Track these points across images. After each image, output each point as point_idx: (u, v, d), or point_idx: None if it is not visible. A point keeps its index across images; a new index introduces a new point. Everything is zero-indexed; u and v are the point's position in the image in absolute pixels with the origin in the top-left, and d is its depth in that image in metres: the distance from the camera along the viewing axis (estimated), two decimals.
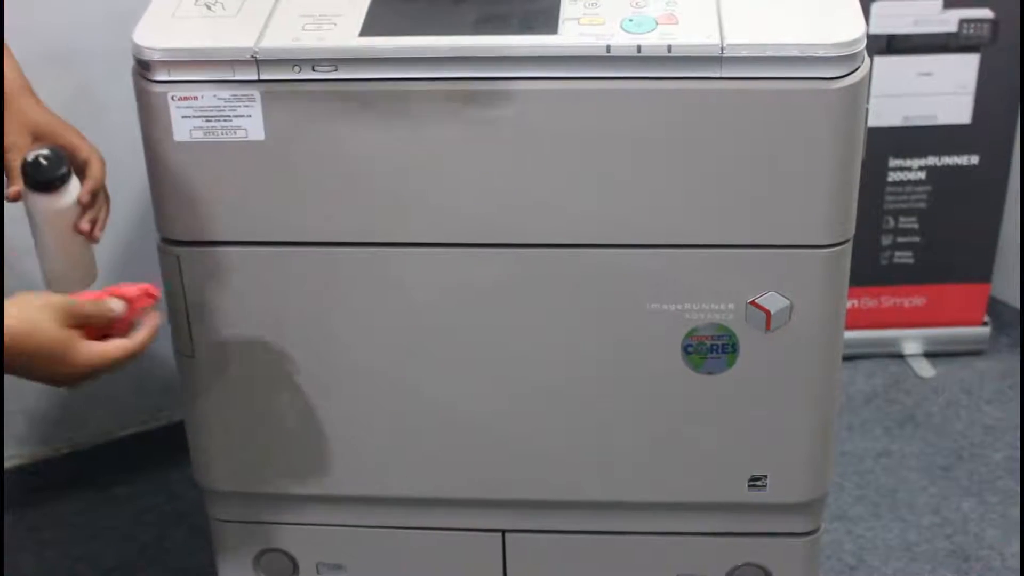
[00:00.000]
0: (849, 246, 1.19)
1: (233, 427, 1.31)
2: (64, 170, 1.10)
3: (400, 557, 1.39)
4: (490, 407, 1.27)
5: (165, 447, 1.93)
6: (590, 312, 1.21)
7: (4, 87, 1.12)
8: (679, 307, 1.21)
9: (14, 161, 1.11)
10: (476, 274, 1.21)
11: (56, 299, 1.01)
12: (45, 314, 0.99)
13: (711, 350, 1.22)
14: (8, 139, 1.12)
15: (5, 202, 1.14)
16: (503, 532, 1.36)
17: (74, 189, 1.11)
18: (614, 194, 1.16)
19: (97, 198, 1.14)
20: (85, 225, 1.13)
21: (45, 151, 1.09)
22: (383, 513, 1.36)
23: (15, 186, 1.10)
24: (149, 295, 1.09)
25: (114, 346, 1.04)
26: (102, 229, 1.15)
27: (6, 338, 0.96)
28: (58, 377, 1.02)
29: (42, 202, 1.10)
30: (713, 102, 1.11)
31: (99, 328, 1.04)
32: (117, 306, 1.06)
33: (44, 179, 1.09)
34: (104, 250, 1.84)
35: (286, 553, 1.40)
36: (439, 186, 1.17)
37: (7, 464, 1.90)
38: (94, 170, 1.14)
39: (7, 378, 1.05)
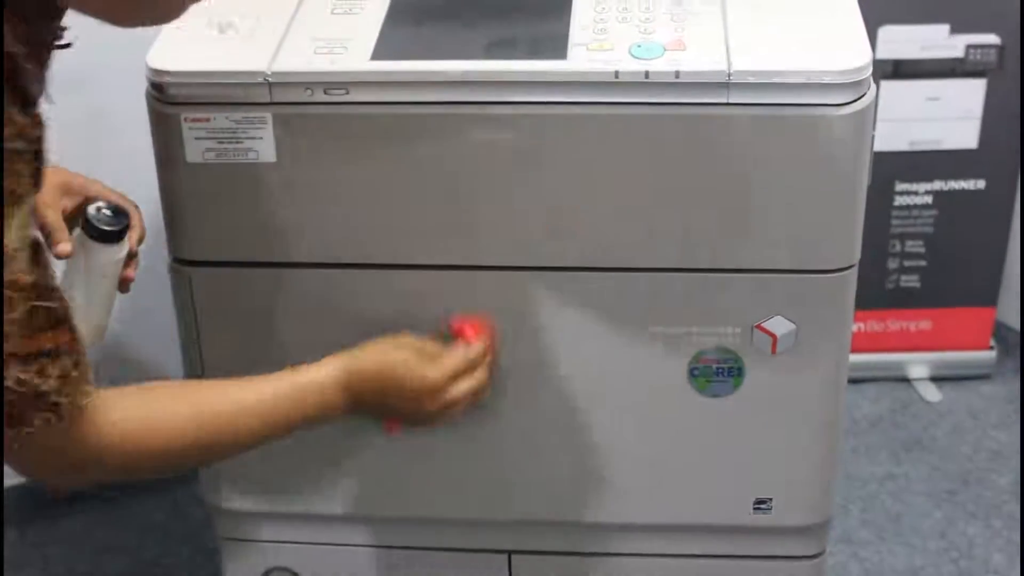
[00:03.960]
0: (855, 271, 1.20)
1: None
2: (127, 221, 1.14)
3: None
4: (495, 428, 1.28)
5: None
6: (596, 334, 1.22)
7: None
8: (685, 330, 1.21)
9: (51, 215, 1.11)
10: (484, 296, 1.21)
11: (411, 340, 1.12)
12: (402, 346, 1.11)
13: (717, 373, 1.23)
14: (41, 199, 1.11)
15: None
16: (509, 553, 1.37)
17: (126, 239, 1.15)
18: (621, 218, 1.17)
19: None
20: (132, 273, 1.16)
21: (104, 204, 1.13)
22: (389, 532, 1.36)
23: (64, 244, 1.11)
24: (483, 331, 1.16)
25: (446, 358, 1.11)
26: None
27: (364, 363, 1.06)
28: (415, 401, 1.09)
29: (105, 254, 1.13)
30: (720, 128, 1.12)
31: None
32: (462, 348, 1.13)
33: (112, 230, 1.13)
34: None
35: (292, 571, 1.40)
36: (447, 209, 1.18)
37: (11, 481, 1.90)
38: (136, 219, 1.17)
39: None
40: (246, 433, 1.00)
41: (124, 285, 1.16)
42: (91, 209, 1.12)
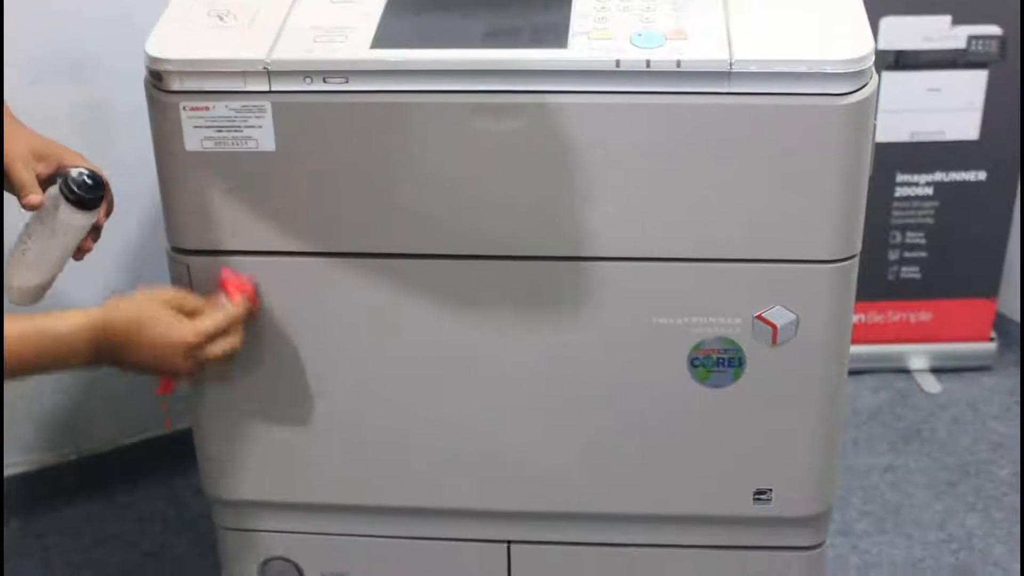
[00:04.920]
0: (856, 261, 1.20)
1: (240, 436, 1.31)
2: (103, 193, 1.15)
3: (405, 567, 1.39)
4: (495, 418, 1.28)
5: (170, 455, 1.93)
6: (597, 324, 1.22)
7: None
8: (686, 320, 1.21)
9: (21, 172, 1.13)
10: (484, 285, 1.21)
11: (167, 291, 1.15)
12: (157, 302, 1.13)
13: (717, 363, 1.23)
14: (12, 151, 1.13)
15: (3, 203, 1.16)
16: (508, 543, 1.37)
17: (98, 210, 1.16)
18: (621, 208, 1.16)
19: None
20: (91, 244, 1.17)
21: (86, 171, 1.13)
22: (389, 523, 1.36)
23: (35, 195, 1.12)
24: (246, 293, 1.17)
25: (205, 318, 1.14)
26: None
27: (115, 318, 1.08)
28: (163, 358, 1.11)
29: (77, 218, 1.14)
30: (721, 117, 1.12)
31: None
32: (225, 303, 1.16)
33: (89, 197, 1.13)
34: (114, 258, 1.86)
35: (291, 562, 1.40)
36: (447, 198, 1.17)
37: (13, 471, 1.90)
38: (108, 195, 1.17)
39: (15, 385, 1.07)
40: None
41: (80, 254, 1.18)
42: (73, 172, 1.13)
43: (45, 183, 1.15)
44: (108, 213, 1.18)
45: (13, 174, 1.13)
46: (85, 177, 1.13)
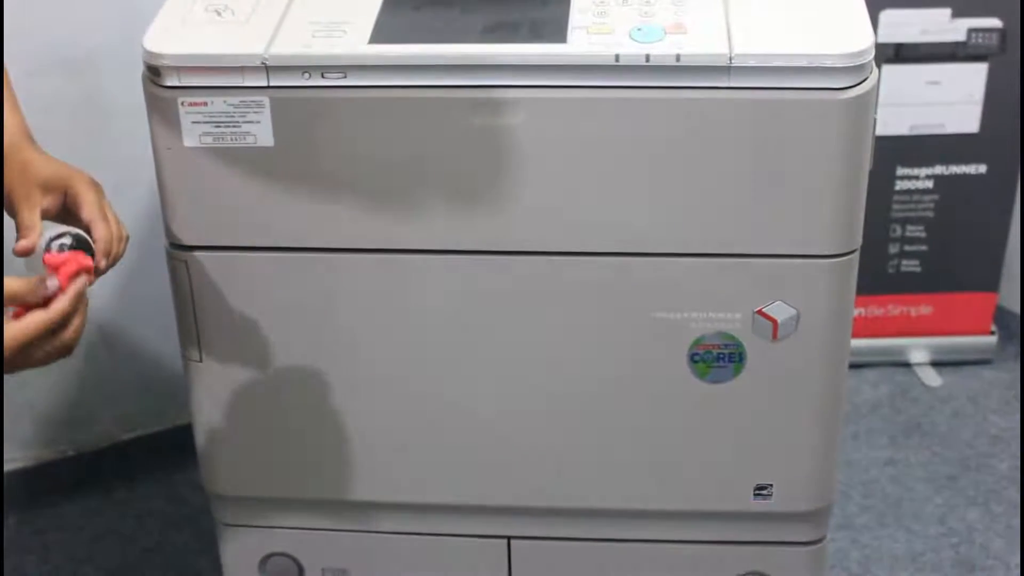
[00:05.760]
0: (856, 256, 1.19)
1: (240, 432, 1.31)
2: (83, 260, 1.03)
3: (405, 563, 1.39)
4: (495, 413, 1.28)
5: (169, 450, 1.93)
6: (597, 320, 1.22)
7: (7, 137, 1.09)
8: (686, 315, 1.21)
9: (24, 214, 1.06)
10: (483, 281, 1.21)
11: None
12: None
13: (718, 359, 1.23)
14: (20, 191, 1.08)
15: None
16: (508, 539, 1.37)
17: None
18: (621, 202, 1.16)
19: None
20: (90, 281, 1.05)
21: (69, 239, 1.04)
22: (389, 518, 1.36)
23: (26, 241, 1.04)
24: (83, 267, 1.00)
25: (28, 320, 0.95)
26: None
27: None
28: None
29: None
30: (721, 111, 1.11)
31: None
32: (52, 284, 0.97)
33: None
34: None
35: (291, 557, 1.40)
36: (446, 193, 1.17)
37: (12, 466, 1.90)
38: (111, 244, 1.07)
39: (14, 379, 1.05)
40: None
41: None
42: (54, 243, 1.03)
43: (56, 216, 1.10)
44: (116, 260, 1.10)
45: (17, 214, 1.07)
46: (65, 242, 1.03)
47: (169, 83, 1.14)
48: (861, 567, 1.79)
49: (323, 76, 1.13)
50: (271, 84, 1.13)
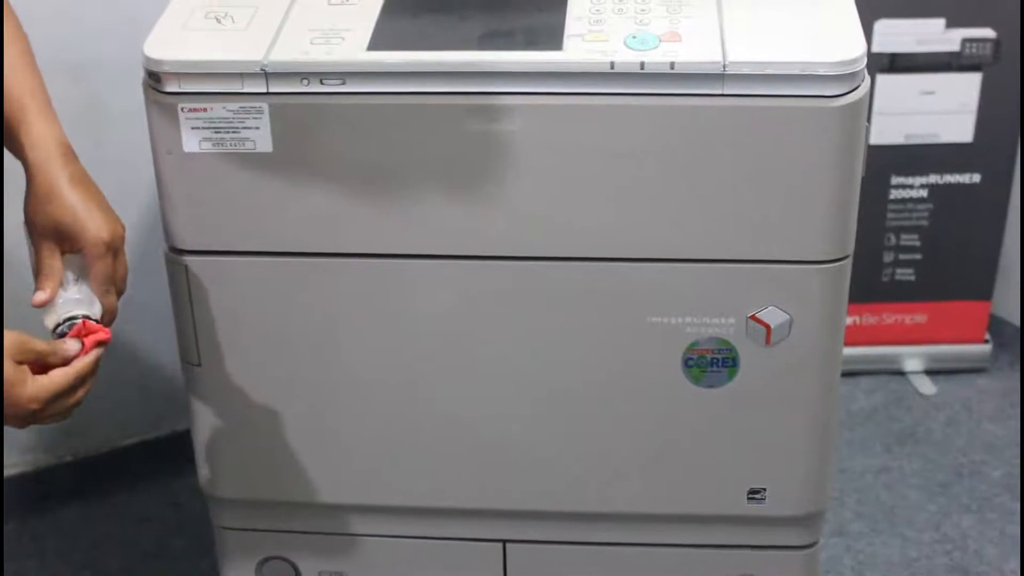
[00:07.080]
0: (849, 262, 1.20)
1: (238, 435, 1.32)
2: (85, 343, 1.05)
3: (401, 566, 1.39)
4: (491, 418, 1.28)
5: (168, 456, 1.94)
6: (591, 324, 1.22)
7: (42, 152, 1.06)
8: (680, 321, 1.22)
9: (44, 260, 1.06)
10: (479, 286, 1.22)
11: (11, 335, 0.98)
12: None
13: (711, 364, 1.23)
14: (40, 227, 1.06)
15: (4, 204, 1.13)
16: (504, 542, 1.37)
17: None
18: (616, 208, 1.17)
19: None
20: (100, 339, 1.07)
21: (66, 326, 1.05)
22: (385, 522, 1.37)
23: (42, 293, 1.04)
24: (101, 342, 1.05)
25: (54, 375, 1.00)
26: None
27: None
28: (7, 413, 0.98)
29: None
30: (715, 119, 1.13)
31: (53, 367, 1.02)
32: (73, 347, 1.03)
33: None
34: None
35: (289, 561, 1.41)
36: (443, 199, 1.18)
37: (11, 472, 1.91)
38: (107, 316, 1.08)
39: None
40: None
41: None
42: (60, 325, 1.05)
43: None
44: (112, 319, 1.10)
45: (37, 259, 1.06)
46: (64, 329, 1.05)
47: (169, 89, 1.15)
48: (855, 573, 1.79)
49: (322, 83, 1.14)
50: (270, 90, 1.14)
